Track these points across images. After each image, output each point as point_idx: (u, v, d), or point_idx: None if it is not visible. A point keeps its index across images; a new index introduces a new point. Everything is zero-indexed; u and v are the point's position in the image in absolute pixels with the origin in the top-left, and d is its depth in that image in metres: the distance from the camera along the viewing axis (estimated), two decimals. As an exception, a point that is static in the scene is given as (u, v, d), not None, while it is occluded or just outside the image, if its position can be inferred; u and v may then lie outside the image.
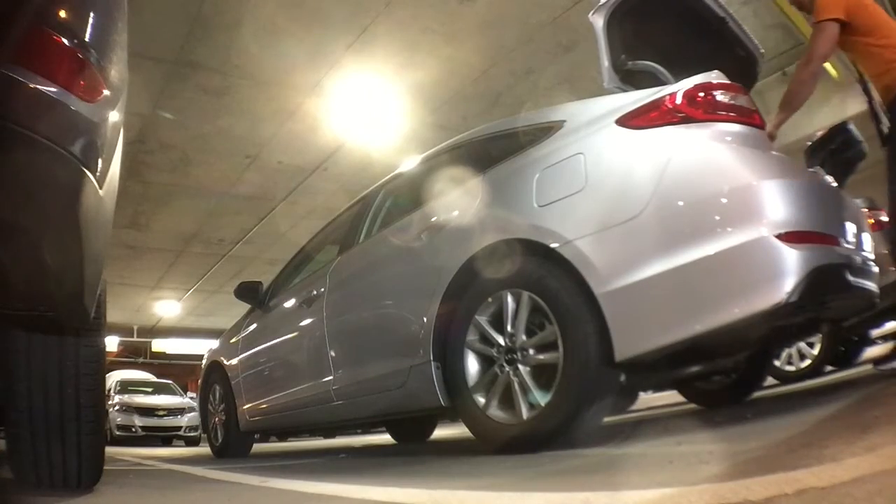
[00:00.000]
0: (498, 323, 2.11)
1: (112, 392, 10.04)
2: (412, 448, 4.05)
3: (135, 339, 16.74)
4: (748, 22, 2.81)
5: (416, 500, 1.32)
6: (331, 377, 2.95)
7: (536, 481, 1.41)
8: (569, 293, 1.89)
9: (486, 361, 2.14)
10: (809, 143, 3.65)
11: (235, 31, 5.23)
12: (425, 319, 2.35)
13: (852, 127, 3.69)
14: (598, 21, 2.21)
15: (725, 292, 1.66)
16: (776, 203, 1.70)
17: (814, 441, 1.27)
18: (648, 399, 6.99)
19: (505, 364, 2.06)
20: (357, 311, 2.89)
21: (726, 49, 2.46)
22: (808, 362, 4.50)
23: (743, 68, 2.47)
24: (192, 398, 11.07)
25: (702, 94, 1.89)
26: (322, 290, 3.12)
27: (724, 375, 3.08)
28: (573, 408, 1.85)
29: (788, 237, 1.63)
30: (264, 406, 3.61)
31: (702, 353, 2.13)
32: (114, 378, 10.64)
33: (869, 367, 4.54)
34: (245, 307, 4.16)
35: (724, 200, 1.72)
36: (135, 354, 16.88)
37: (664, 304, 1.73)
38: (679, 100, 1.89)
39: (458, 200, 2.43)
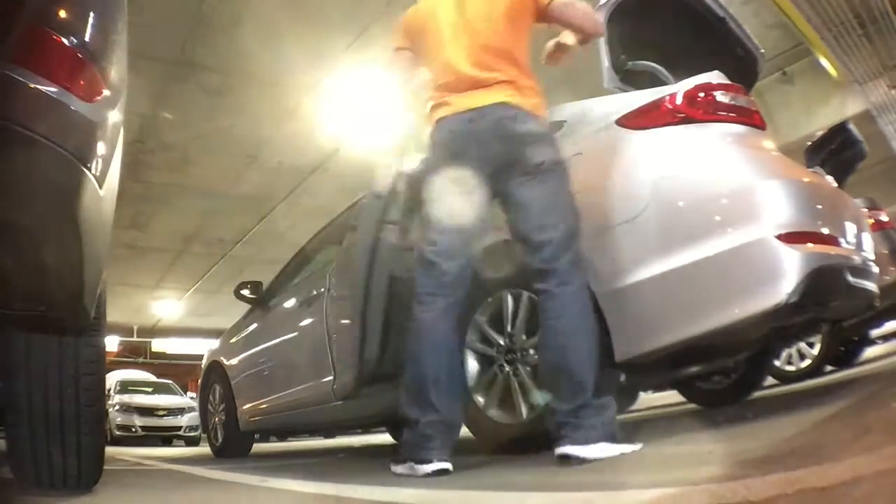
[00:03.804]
0: (498, 323, 2.11)
1: (112, 392, 10.02)
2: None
3: (135, 339, 16.72)
4: (748, 22, 2.81)
5: (416, 500, 1.32)
6: (331, 377, 2.95)
7: (536, 481, 1.41)
8: (569, 293, 1.89)
9: (486, 361, 2.14)
10: (809, 143, 3.65)
11: (235, 31, 5.22)
12: (425, 319, 2.35)
13: (852, 127, 3.69)
14: (598, 21, 2.20)
15: (725, 293, 1.66)
16: (776, 203, 1.70)
17: (814, 441, 1.27)
18: (648, 399, 6.98)
19: (505, 364, 2.06)
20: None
21: (726, 49, 2.45)
22: (808, 362, 4.49)
23: (743, 68, 2.46)
24: (192, 398, 11.05)
25: (702, 95, 1.88)
26: (322, 290, 3.12)
27: (724, 375, 3.08)
28: (573, 408, 1.85)
29: (788, 238, 1.63)
30: (264, 406, 3.61)
31: (702, 354, 2.12)
32: (114, 378, 10.61)
33: (869, 366, 4.54)
34: (245, 307, 4.16)
35: (724, 201, 1.72)
36: (135, 354, 16.86)
37: (664, 305, 1.73)
38: (679, 100, 1.89)
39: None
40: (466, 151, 1.74)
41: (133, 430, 9.65)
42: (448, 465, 1.66)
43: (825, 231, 1.79)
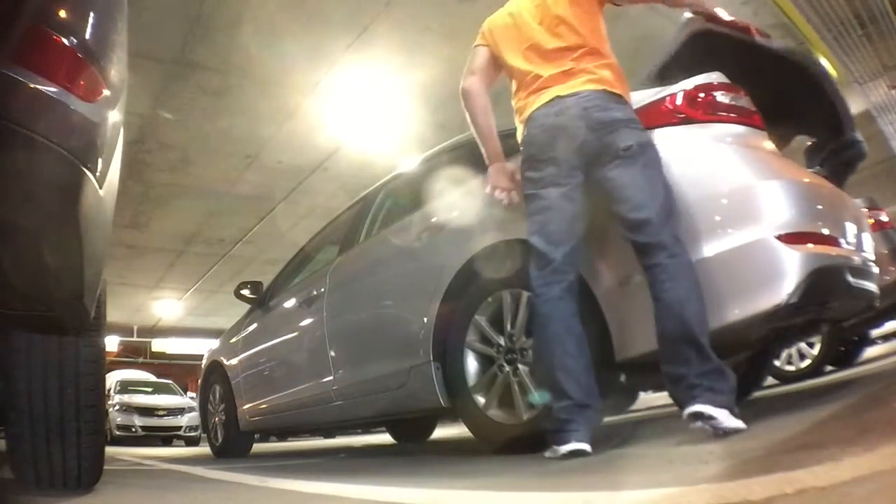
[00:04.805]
0: (498, 323, 2.11)
1: (112, 392, 10.03)
2: (412, 448, 4.05)
3: (135, 339, 16.71)
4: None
5: (416, 500, 1.32)
6: (331, 377, 2.95)
7: (536, 481, 1.41)
8: (569, 293, 1.88)
9: (486, 361, 2.14)
10: (809, 143, 3.64)
11: (235, 31, 5.22)
12: (425, 320, 2.36)
13: (852, 127, 3.68)
14: (687, 28, 2.09)
15: (725, 293, 1.65)
16: (776, 204, 1.70)
17: (814, 441, 1.27)
18: (648, 399, 6.98)
19: (505, 364, 2.06)
20: (357, 311, 2.89)
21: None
22: (808, 362, 4.50)
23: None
24: (192, 398, 11.06)
25: (702, 95, 1.88)
26: (322, 290, 3.12)
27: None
28: (573, 408, 1.85)
29: (788, 238, 1.63)
30: (264, 406, 3.61)
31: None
32: (114, 378, 10.62)
33: (869, 366, 4.54)
34: (245, 307, 4.16)
35: (724, 201, 1.72)
36: (135, 354, 16.86)
37: (664, 305, 1.73)
38: (679, 100, 1.89)
39: (458, 201, 2.43)
40: (556, 142, 1.80)
41: (133, 430, 9.66)
42: (585, 447, 1.63)
43: (825, 231, 1.79)
